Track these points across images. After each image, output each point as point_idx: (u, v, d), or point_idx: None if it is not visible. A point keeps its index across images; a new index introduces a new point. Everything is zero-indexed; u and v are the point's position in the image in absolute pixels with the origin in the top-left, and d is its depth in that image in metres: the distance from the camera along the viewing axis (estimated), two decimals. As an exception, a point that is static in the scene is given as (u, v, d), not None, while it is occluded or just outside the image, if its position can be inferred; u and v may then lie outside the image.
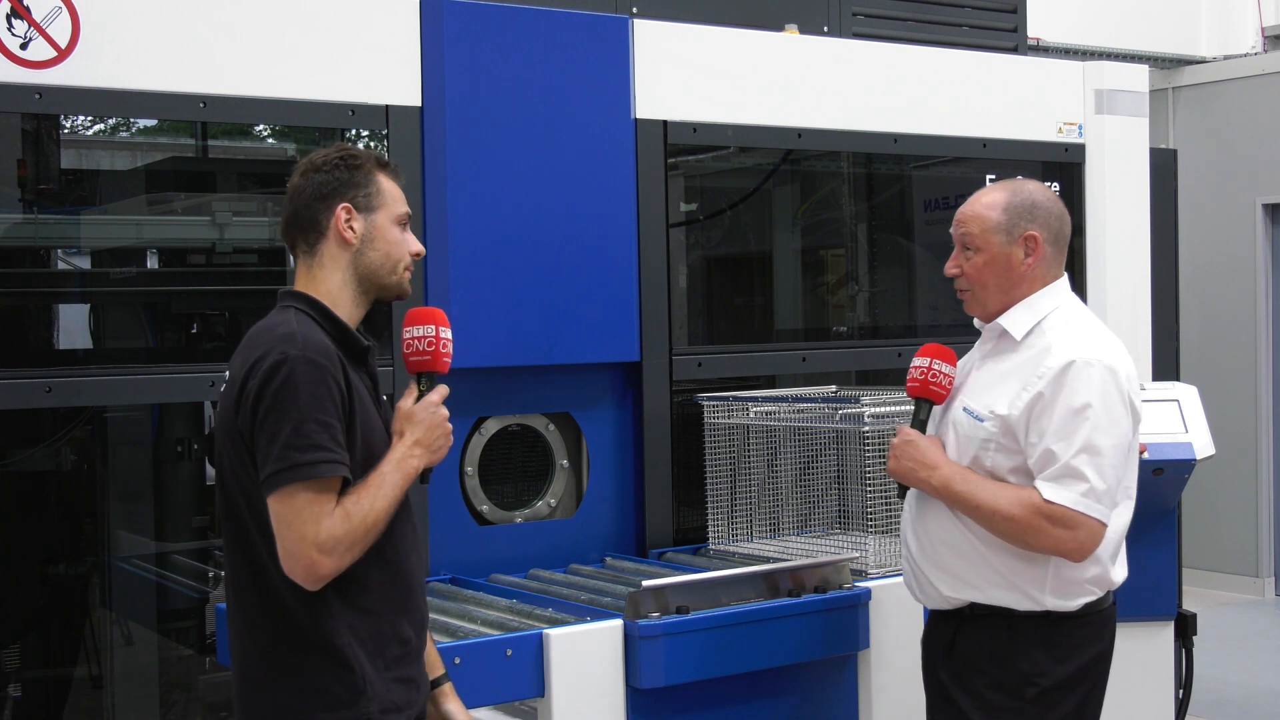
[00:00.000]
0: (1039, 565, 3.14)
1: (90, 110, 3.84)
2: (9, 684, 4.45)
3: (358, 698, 2.58)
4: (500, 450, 4.20)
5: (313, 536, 2.48)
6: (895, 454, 3.27)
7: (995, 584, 3.17)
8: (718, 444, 4.37)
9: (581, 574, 4.12)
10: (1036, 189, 3.30)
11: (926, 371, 3.27)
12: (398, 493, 2.61)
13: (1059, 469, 3.05)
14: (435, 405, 2.74)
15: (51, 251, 4.33)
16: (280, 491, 2.49)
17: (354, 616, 2.59)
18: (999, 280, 3.25)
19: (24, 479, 4.45)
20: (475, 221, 3.92)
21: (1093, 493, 3.04)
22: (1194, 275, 9.13)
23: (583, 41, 4.09)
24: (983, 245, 3.24)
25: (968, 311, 3.37)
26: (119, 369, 3.71)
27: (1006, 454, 3.14)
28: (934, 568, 3.26)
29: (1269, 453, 9.39)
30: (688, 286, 5.19)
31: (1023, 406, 3.11)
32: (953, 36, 5.43)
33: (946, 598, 3.25)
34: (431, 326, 2.79)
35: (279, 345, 2.53)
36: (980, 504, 3.11)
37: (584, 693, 3.39)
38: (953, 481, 3.16)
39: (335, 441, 2.52)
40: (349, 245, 2.70)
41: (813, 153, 5.09)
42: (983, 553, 3.17)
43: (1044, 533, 3.05)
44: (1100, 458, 3.05)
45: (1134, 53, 9.19)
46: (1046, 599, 3.15)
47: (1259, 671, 7.49)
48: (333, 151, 2.73)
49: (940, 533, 3.24)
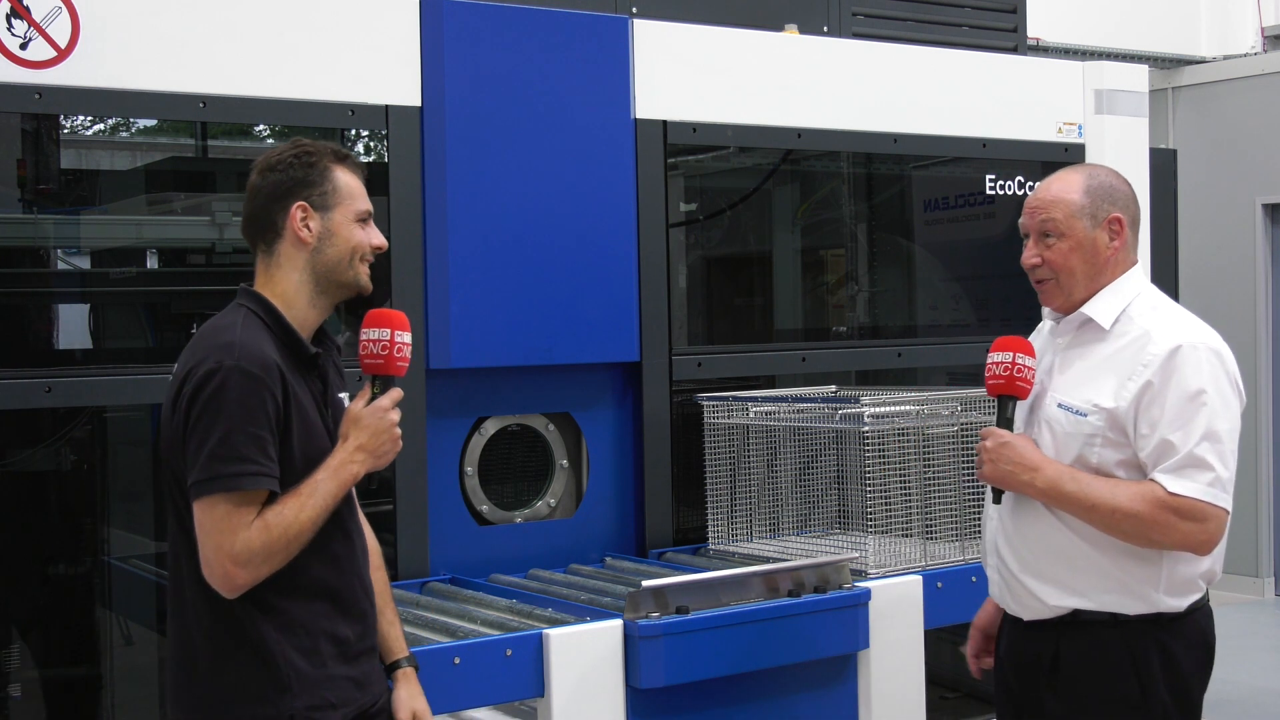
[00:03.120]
0: (1153, 564, 2.96)
1: (90, 110, 3.84)
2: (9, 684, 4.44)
3: (281, 694, 2.59)
4: (500, 450, 4.20)
5: (228, 548, 2.50)
6: (990, 457, 3.04)
7: (1105, 588, 2.99)
8: (717, 444, 4.37)
9: (581, 574, 4.12)
10: (1109, 172, 3.15)
11: (1011, 366, 3.05)
12: (330, 501, 2.61)
13: (1181, 459, 2.88)
14: (385, 410, 2.70)
15: (51, 251, 4.32)
16: (203, 500, 2.51)
17: (287, 614, 2.61)
18: (1085, 266, 3.06)
19: (24, 479, 4.45)
20: (475, 221, 3.92)
21: (1218, 481, 2.89)
22: (1194, 275, 9.12)
23: (582, 41, 4.09)
24: (1067, 230, 3.06)
25: (1046, 303, 3.17)
26: (119, 369, 3.71)
27: (1114, 448, 2.96)
28: (1034, 578, 3.06)
29: (1269, 453, 9.39)
30: (688, 286, 5.19)
31: (1130, 397, 2.94)
32: (953, 36, 5.43)
33: (1052, 607, 3.04)
34: (387, 330, 2.74)
35: (215, 354, 2.55)
36: (1097, 503, 2.92)
37: (584, 693, 3.39)
38: (1061, 481, 2.96)
39: (263, 453, 2.53)
40: (305, 245, 2.69)
41: (813, 153, 5.09)
42: (1091, 556, 2.99)
43: (1171, 527, 2.88)
44: (1221, 444, 2.90)
45: (1134, 53, 9.19)
46: (1161, 599, 2.98)
47: (1259, 671, 7.48)
48: (288, 148, 2.71)
49: (1041, 539, 3.05)
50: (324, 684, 2.64)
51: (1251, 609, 9.04)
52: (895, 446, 4.06)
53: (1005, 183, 5.08)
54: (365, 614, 2.78)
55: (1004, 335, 3.11)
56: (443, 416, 4.01)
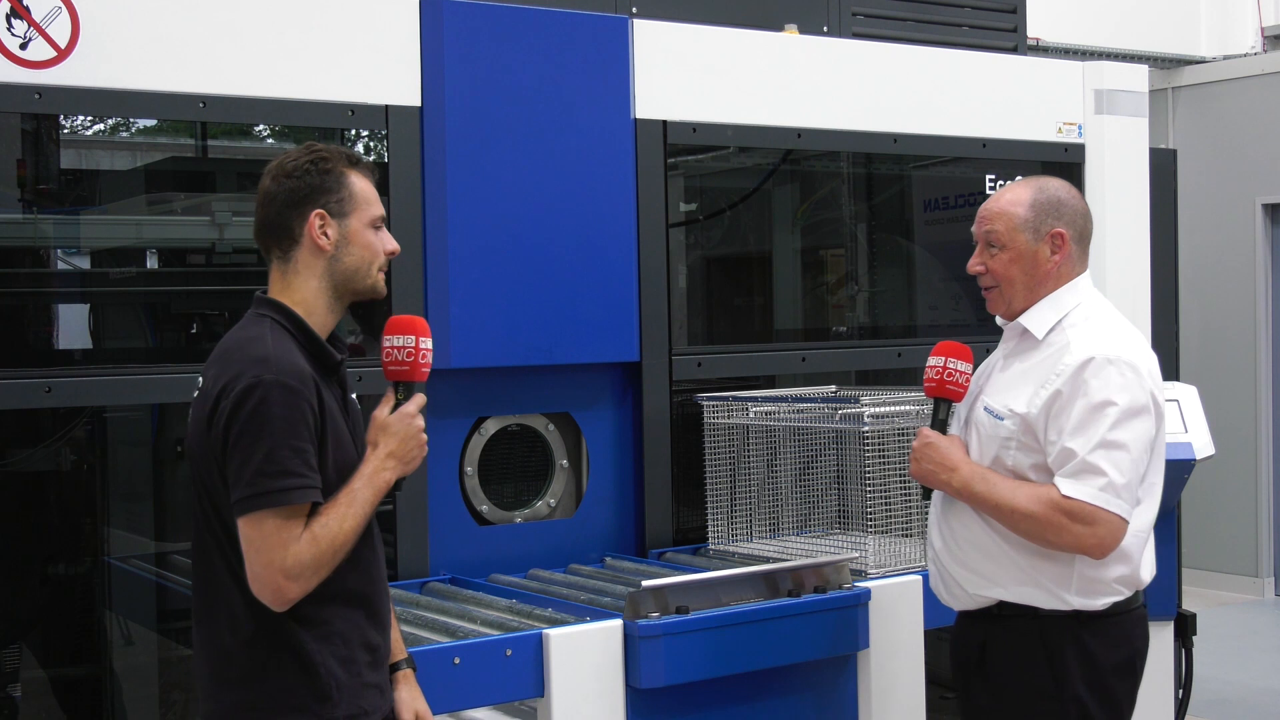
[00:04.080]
0: (1063, 564, 3.11)
1: (90, 110, 3.84)
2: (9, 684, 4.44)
3: (323, 702, 2.59)
4: (500, 450, 4.20)
5: (280, 563, 2.50)
6: (915, 456, 3.25)
7: (1020, 582, 3.15)
8: (717, 444, 4.37)
9: (581, 574, 4.12)
10: (1060, 186, 3.28)
11: (942, 370, 3.24)
12: (368, 509, 2.62)
13: (1077, 465, 3.03)
14: (411, 416, 2.72)
15: (51, 251, 4.32)
16: (250, 516, 2.50)
17: (327, 625, 2.61)
18: (1025, 278, 3.22)
19: (24, 479, 4.45)
20: (475, 222, 3.92)
21: (1111, 487, 3.01)
22: (1194, 275, 9.13)
23: (582, 41, 4.09)
24: (1009, 242, 3.21)
25: (990, 310, 3.33)
26: (119, 369, 3.71)
27: (1027, 452, 3.13)
28: (960, 567, 3.24)
29: (1269, 453, 9.39)
30: (687, 286, 5.19)
31: (1041, 404, 3.10)
32: (953, 36, 5.43)
33: (973, 596, 3.23)
34: (412, 337, 2.77)
35: (253, 368, 2.53)
36: (1000, 503, 3.09)
37: (584, 693, 3.39)
38: (972, 482, 3.14)
39: (308, 466, 2.53)
40: (323, 252, 2.69)
41: (812, 153, 5.09)
42: (1007, 551, 3.15)
43: (1063, 529, 3.02)
44: (1118, 452, 3.02)
45: (1134, 53, 9.19)
46: (1072, 598, 3.12)
47: (1259, 671, 7.49)
48: (303, 154, 2.70)
49: (965, 533, 3.22)
50: (360, 692, 2.65)
51: (1251, 609, 9.05)
52: (895, 446, 4.06)
53: (1005, 183, 5.07)
54: (388, 621, 2.81)
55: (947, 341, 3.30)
56: (443, 416, 4.01)
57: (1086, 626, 3.13)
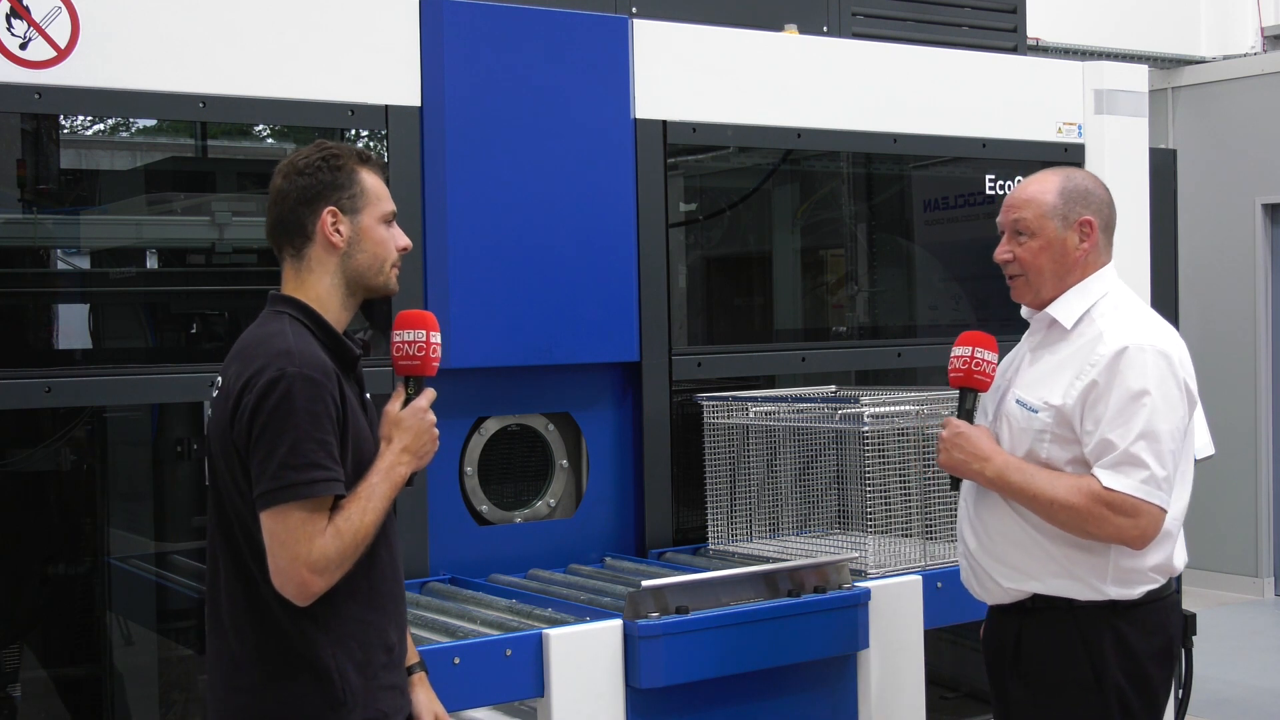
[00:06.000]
0: (1099, 554, 3.09)
1: (90, 110, 3.84)
2: (9, 684, 4.45)
3: (338, 708, 2.58)
4: (500, 450, 4.20)
5: (305, 556, 2.49)
6: (945, 446, 3.20)
7: (1055, 574, 3.12)
8: (717, 444, 4.37)
9: (581, 574, 4.12)
10: (1086, 176, 3.29)
11: (969, 360, 3.21)
12: (386, 503, 2.62)
13: (1118, 456, 3.01)
14: (423, 410, 2.73)
15: (51, 251, 4.32)
16: (274, 509, 2.49)
17: (341, 628, 2.60)
18: (1053, 265, 3.20)
19: (24, 479, 4.45)
20: (475, 221, 3.92)
21: (1153, 479, 3.00)
22: (1194, 275, 9.13)
23: (582, 41, 4.09)
24: (1038, 230, 3.20)
25: (1016, 299, 3.31)
26: (119, 369, 3.71)
27: (1062, 445, 3.10)
28: (993, 560, 3.21)
29: (1269, 453, 9.39)
30: (687, 286, 5.19)
31: (1077, 395, 3.08)
32: (952, 36, 5.43)
33: (1007, 590, 3.19)
34: (422, 331, 2.78)
35: (276, 361, 2.52)
36: (1038, 493, 3.06)
37: (584, 693, 3.39)
38: (1008, 472, 3.11)
39: (332, 459, 2.53)
40: (336, 249, 2.69)
41: (812, 153, 5.09)
42: (1041, 543, 3.13)
43: (1105, 521, 3.01)
44: (1159, 443, 3.01)
45: (1134, 53, 9.19)
46: (1109, 588, 3.10)
47: (1259, 671, 7.49)
48: (314, 152, 2.70)
49: (998, 525, 3.20)
50: (376, 696, 2.64)
51: (1251, 609, 9.04)
52: (895, 446, 4.07)
53: (1005, 183, 5.07)
54: (405, 619, 2.80)
55: (971, 330, 3.25)
56: (442, 416, 3.93)
57: (1123, 616, 3.11)
